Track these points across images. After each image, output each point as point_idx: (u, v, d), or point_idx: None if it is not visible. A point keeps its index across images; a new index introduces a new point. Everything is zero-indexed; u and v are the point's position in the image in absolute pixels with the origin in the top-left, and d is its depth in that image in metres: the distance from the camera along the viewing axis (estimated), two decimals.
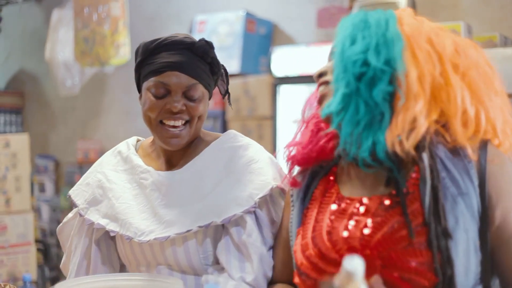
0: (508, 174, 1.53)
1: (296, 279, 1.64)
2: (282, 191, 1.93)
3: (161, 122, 1.92)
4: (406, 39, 1.54)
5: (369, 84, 1.51)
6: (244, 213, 1.87)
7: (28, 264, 4.75)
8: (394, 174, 1.53)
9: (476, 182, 1.50)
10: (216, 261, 1.92)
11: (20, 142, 4.84)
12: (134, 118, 6.52)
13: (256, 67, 5.53)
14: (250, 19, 5.56)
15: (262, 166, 1.93)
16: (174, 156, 2.02)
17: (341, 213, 1.59)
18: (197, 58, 1.91)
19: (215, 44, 1.98)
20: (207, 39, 1.94)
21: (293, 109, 5.38)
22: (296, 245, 1.66)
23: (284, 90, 5.30)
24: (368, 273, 1.25)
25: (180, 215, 1.90)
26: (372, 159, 1.53)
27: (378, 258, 1.45)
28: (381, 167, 1.56)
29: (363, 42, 1.54)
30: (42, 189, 7.30)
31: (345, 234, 1.53)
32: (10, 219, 4.72)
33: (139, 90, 2.01)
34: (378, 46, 1.52)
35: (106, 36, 5.74)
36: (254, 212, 1.89)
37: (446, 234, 1.42)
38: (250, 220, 1.87)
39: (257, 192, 1.87)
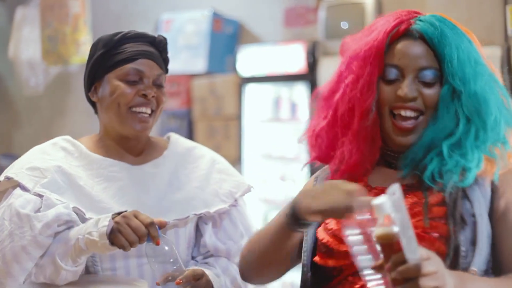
0: None
1: (317, 258, 1.65)
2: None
3: (130, 109, 1.93)
4: None
5: None
6: (229, 207, 2.04)
7: None
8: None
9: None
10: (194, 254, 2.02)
11: None
12: None
13: (223, 66, 5.51)
14: (217, 18, 5.55)
15: (227, 166, 2.11)
16: (128, 154, 2.01)
17: None
18: (158, 52, 2.00)
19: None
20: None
21: (259, 109, 5.38)
22: (319, 230, 1.67)
23: (250, 89, 5.30)
24: None
25: (169, 203, 1.96)
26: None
27: None
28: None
29: None
30: None
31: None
32: None
33: (91, 84, 2.02)
34: None
35: (67, 35, 5.71)
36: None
37: (463, 220, 1.49)
38: (235, 213, 2.05)
39: (235, 191, 2.05)
